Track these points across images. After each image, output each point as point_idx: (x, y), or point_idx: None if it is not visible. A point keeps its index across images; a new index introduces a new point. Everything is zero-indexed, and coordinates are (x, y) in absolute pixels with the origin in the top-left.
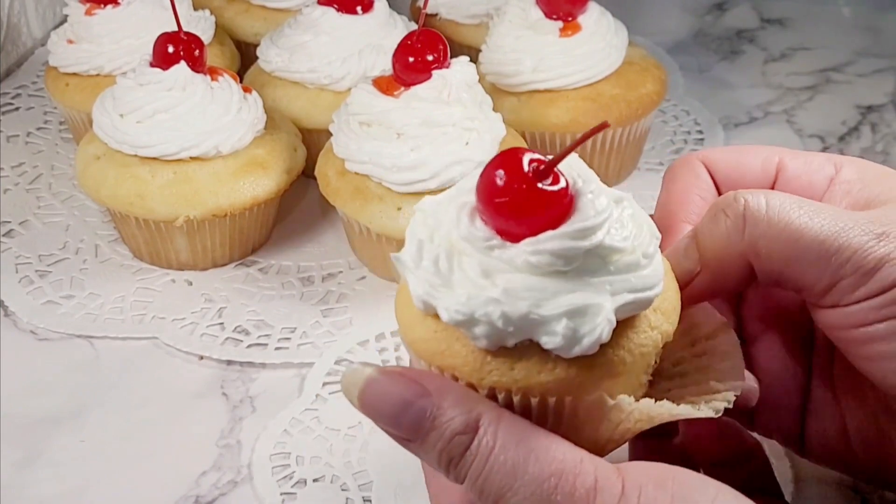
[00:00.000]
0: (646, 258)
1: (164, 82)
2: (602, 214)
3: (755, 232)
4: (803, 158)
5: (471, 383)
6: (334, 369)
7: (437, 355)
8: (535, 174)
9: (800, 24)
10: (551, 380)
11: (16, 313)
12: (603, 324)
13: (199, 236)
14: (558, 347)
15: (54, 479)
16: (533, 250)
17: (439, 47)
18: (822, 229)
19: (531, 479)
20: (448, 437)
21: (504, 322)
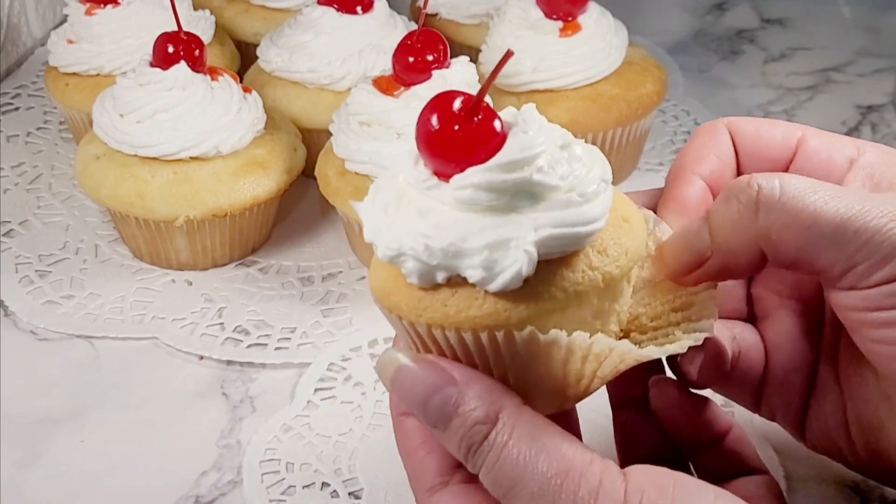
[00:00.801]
0: (582, 196)
1: (164, 82)
2: (530, 150)
3: (768, 219)
4: (826, 138)
5: (411, 321)
6: (326, 375)
7: (384, 297)
8: (462, 114)
9: (800, 24)
10: (480, 314)
11: (16, 313)
12: (521, 257)
13: (199, 236)
14: (480, 280)
15: (54, 479)
16: (459, 185)
17: (439, 47)
18: (838, 213)
19: (539, 474)
20: (469, 424)
21: (428, 255)
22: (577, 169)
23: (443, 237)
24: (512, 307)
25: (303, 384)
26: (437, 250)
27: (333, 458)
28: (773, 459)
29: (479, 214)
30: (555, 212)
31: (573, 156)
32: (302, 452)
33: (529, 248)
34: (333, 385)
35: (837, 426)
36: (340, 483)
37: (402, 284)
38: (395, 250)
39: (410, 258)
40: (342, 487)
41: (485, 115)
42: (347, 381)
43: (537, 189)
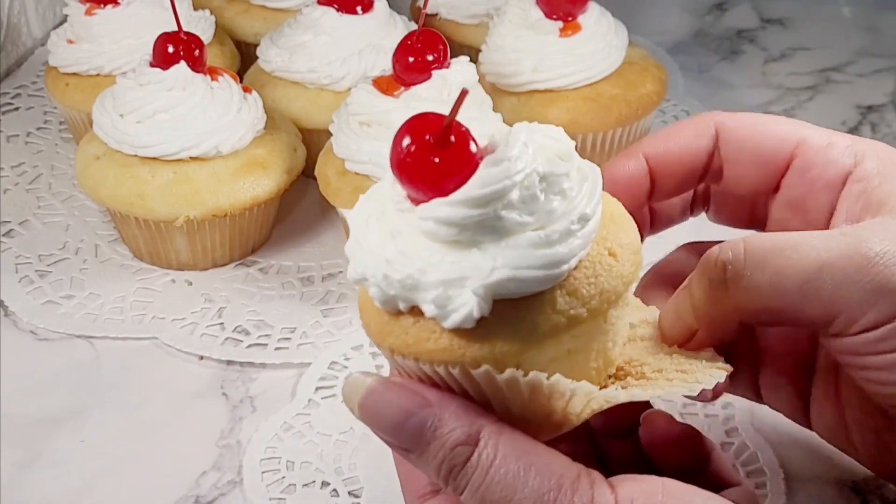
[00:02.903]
0: (548, 237)
1: (164, 82)
2: (499, 185)
3: (737, 296)
4: (824, 147)
5: (376, 342)
6: (327, 373)
7: (362, 313)
8: (433, 140)
9: (800, 24)
10: (436, 349)
11: (16, 313)
12: (471, 299)
13: (199, 236)
14: (436, 316)
15: (54, 479)
16: (423, 215)
17: (439, 47)
18: (801, 270)
19: (531, 491)
20: (449, 447)
21: (386, 284)
22: (555, 204)
23: (402, 268)
24: (466, 346)
25: (304, 382)
26: (394, 281)
27: (334, 456)
28: (773, 461)
29: (441, 245)
30: (516, 251)
31: (552, 187)
32: (302, 451)
33: (479, 290)
34: (334, 384)
35: (838, 428)
36: (340, 482)
37: (373, 306)
38: (360, 274)
39: (372, 284)
40: (342, 486)
41: (458, 140)
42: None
43: (503, 224)
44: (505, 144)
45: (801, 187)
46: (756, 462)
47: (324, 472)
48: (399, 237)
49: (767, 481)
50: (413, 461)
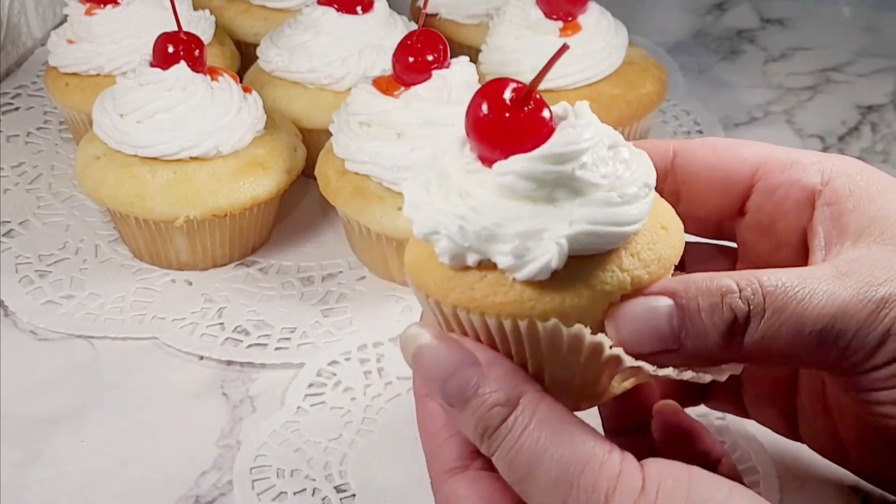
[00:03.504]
0: (621, 198)
1: (164, 82)
2: (576, 145)
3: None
4: (790, 163)
5: (437, 301)
6: (316, 381)
7: (415, 273)
8: (513, 102)
9: (800, 24)
10: (505, 301)
11: (16, 313)
12: (552, 249)
13: (199, 236)
14: (510, 267)
15: (54, 479)
16: (501, 171)
17: (439, 47)
18: (820, 317)
19: (558, 462)
20: (487, 406)
21: (461, 236)
22: (621, 170)
23: (478, 220)
24: (537, 297)
25: (293, 390)
26: (470, 233)
27: (324, 463)
28: (767, 460)
29: (517, 202)
30: (592, 209)
31: (619, 157)
32: (292, 458)
33: (561, 241)
34: (323, 391)
35: (831, 445)
36: (331, 489)
37: (433, 263)
38: (431, 228)
39: (444, 237)
40: (333, 493)
41: (535, 105)
42: (337, 387)
43: (578, 185)
44: (575, 115)
45: (768, 209)
46: (749, 461)
47: (314, 480)
48: (469, 197)
49: (760, 480)
50: (454, 418)
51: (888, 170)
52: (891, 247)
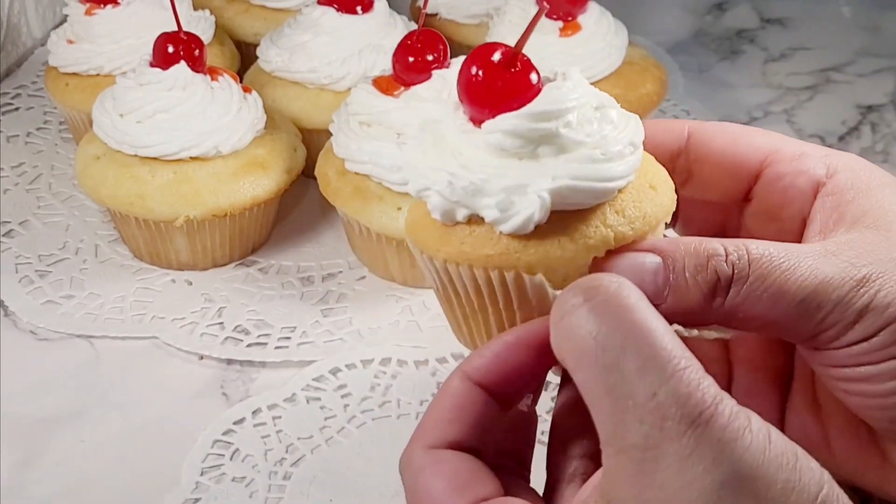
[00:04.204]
0: (605, 155)
1: (164, 82)
2: (561, 104)
3: (736, 298)
4: (796, 157)
5: (430, 256)
6: (212, 452)
7: (412, 231)
8: (501, 64)
9: (800, 24)
10: (493, 253)
11: (16, 313)
12: (535, 202)
13: (199, 236)
14: (495, 220)
15: (54, 479)
16: (489, 129)
17: (439, 47)
18: (801, 288)
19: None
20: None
21: (450, 191)
22: (607, 130)
23: (466, 176)
24: (522, 249)
25: (188, 466)
26: (458, 188)
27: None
28: None
29: (504, 159)
30: (576, 165)
31: (605, 117)
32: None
33: (544, 194)
34: (221, 462)
35: (819, 441)
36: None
37: (427, 221)
38: (423, 185)
39: (435, 193)
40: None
41: (523, 67)
42: (237, 456)
43: (562, 142)
44: (564, 77)
45: (774, 196)
46: None
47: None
48: (460, 155)
49: None
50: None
51: (888, 169)
52: (881, 232)
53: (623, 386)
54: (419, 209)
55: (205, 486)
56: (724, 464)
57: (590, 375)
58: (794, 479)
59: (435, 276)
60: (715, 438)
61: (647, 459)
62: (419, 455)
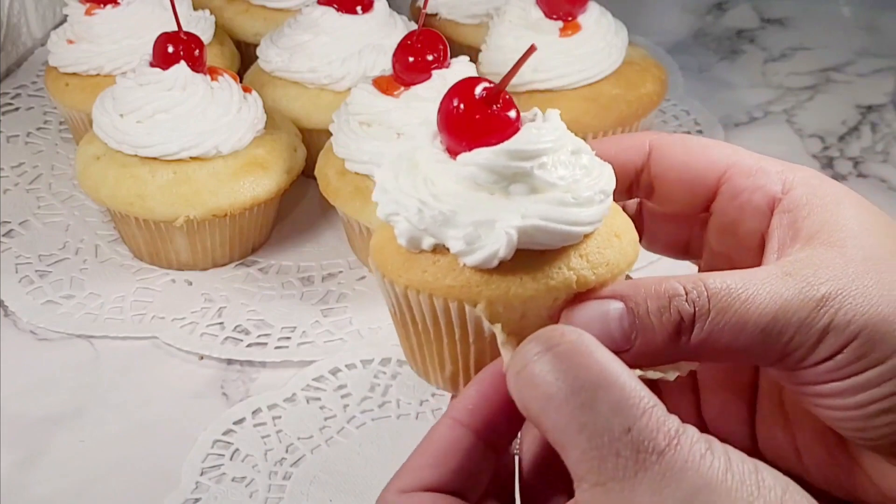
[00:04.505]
0: (576, 200)
1: (164, 82)
2: (538, 145)
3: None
4: (755, 170)
5: (391, 280)
6: (212, 453)
7: (376, 253)
8: (483, 100)
9: (800, 24)
10: (454, 284)
11: (16, 313)
12: (502, 237)
13: (199, 236)
14: (460, 251)
15: (54, 479)
16: (464, 161)
17: (439, 47)
18: (763, 315)
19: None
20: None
21: (419, 219)
22: (580, 175)
23: (436, 205)
24: (484, 284)
25: (188, 466)
26: (427, 216)
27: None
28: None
29: (475, 192)
30: (546, 206)
31: (580, 163)
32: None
33: (511, 231)
34: (221, 462)
35: (789, 454)
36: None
37: (393, 246)
38: (392, 209)
39: (403, 219)
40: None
41: (504, 105)
42: (237, 456)
43: (535, 182)
44: (542, 118)
45: (731, 212)
46: None
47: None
48: (432, 185)
49: None
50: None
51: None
52: (835, 249)
53: (598, 423)
54: (385, 233)
55: (205, 487)
56: (690, 482)
57: (561, 417)
58: (754, 490)
59: (393, 302)
60: (681, 462)
61: (625, 489)
62: (391, 499)
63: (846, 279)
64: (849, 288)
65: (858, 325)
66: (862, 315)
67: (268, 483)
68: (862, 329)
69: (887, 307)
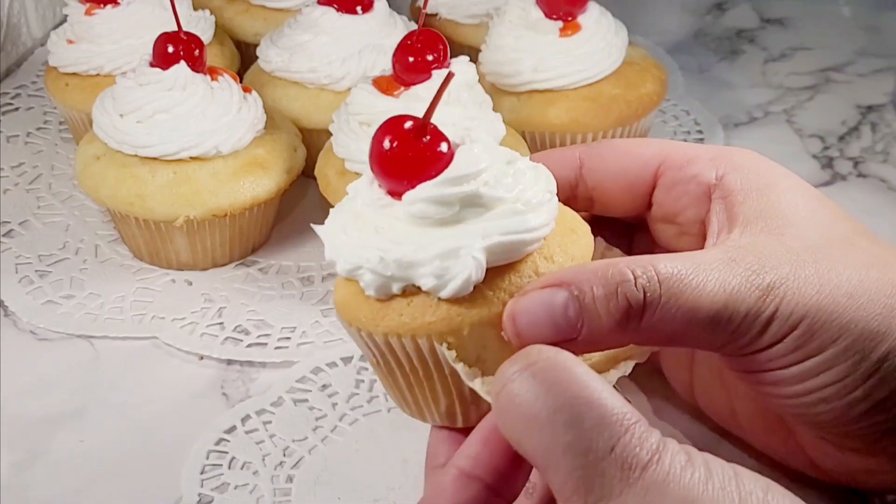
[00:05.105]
0: (526, 206)
1: (163, 82)
2: (476, 165)
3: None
4: (687, 160)
5: (369, 332)
6: (207, 464)
7: (344, 310)
8: (412, 135)
9: (800, 24)
10: (434, 320)
11: (16, 313)
12: (470, 263)
13: (199, 236)
14: (433, 287)
15: (54, 479)
16: (411, 200)
17: (439, 47)
18: (713, 303)
19: None
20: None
21: (383, 266)
22: (522, 182)
23: (396, 250)
24: (464, 312)
25: (187, 480)
26: (391, 262)
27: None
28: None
29: (430, 228)
30: (502, 220)
31: (518, 171)
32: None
33: (477, 254)
34: (221, 472)
35: (726, 413)
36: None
37: (360, 298)
38: (353, 264)
39: (367, 271)
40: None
41: (433, 136)
42: (235, 464)
43: (484, 201)
44: (471, 140)
45: (669, 204)
46: None
47: None
48: (383, 231)
49: None
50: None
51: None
52: (775, 237)
53: (582, 443)
54: (347, 288)
55: (208, 497)
56: (673, 496)
57: (544, 437)
58: (735, 497)
59: (374, 352)
60: (663, 476)
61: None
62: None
63: (788, 267)
64: (791, 277)
65: (799, 315)
66: (804, 305)
67: (272, 487)
68: (803, 318)
69: (826, 298)
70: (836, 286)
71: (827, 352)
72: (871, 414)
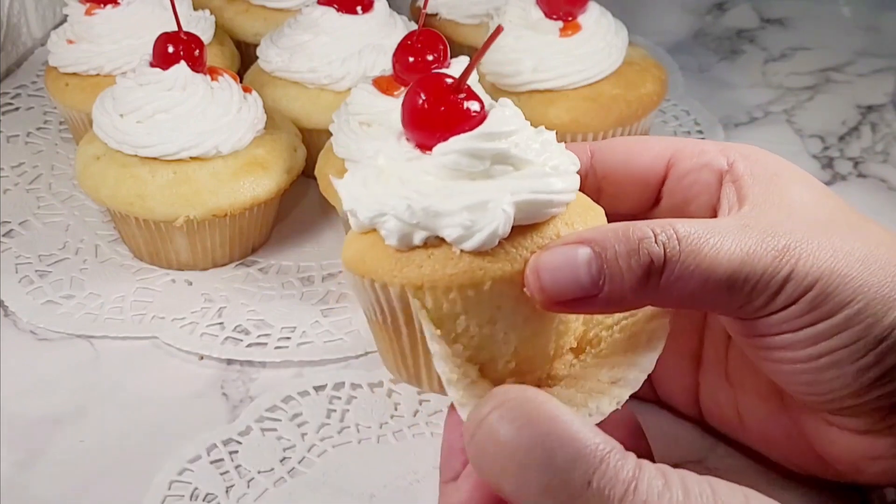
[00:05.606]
0: (553, 170)
1: (164, 82)
2: (510, 125)
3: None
4: (696, 154)
5: (384, 284)
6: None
7: (359, 264)
8: (448, 91)
9: (800, 24)
10: (456, 272)
11: (16, 313)
12: (499, 216)
13: (199, 236)
14: (458, 238)
15: (54, 479)
16: (443, 151)
17: (439, 47)
18: (731, 261)
19: None
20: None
21: (409, 214)
22: (549, 150)
23: (424, 199)
24: (487, 265)
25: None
26: (418, 210)
27: None
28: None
29: (458, 181)
30: (529, 180)
31: (545, 140)
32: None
33: (507, 208)
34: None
35: (731, 417)
36: None
37: (377, 249)
38: (377, 211)
39: (392, 217)
40: None
41: (468, 93)
42: (196, 495)
43: (514, 160)
44: (501, 104)
45: (681, 192)
46: None
47: None
48: (411, 181)
49: None
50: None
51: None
52: (784, 213)
53: (558, 481)
54: (361, 241)
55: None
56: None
57: (520, 479)
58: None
59: (385, 307)
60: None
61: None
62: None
63: (801, 231)
64: (807, 240)
65: (815, 276)
66: (818, 267)
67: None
68: (818, 280)
69: (840, 262)
70: (848, 252)
71: (840, 314)
72: (881, 383)
